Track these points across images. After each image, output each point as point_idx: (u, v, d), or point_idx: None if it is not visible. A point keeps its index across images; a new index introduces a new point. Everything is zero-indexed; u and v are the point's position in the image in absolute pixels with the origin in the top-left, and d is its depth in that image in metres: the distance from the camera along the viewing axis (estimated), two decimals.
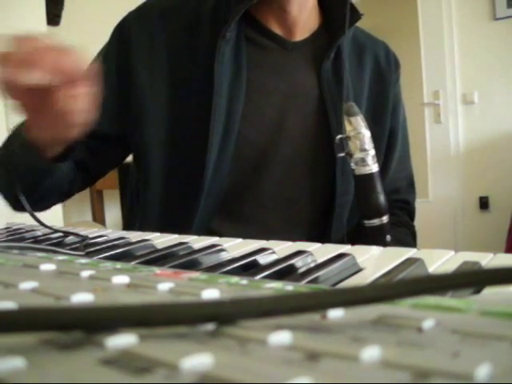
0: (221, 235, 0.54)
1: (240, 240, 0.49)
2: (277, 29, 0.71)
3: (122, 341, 0.16)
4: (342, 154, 0.63)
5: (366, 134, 0.61)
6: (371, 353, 0.14)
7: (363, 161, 0.61)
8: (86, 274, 0.27)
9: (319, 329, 0.17)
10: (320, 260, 0.36)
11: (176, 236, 0.53)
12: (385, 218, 0.63)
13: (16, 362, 0.14)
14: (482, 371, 0.12)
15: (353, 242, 0.46)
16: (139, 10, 0.72)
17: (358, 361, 0.14)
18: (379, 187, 0.62)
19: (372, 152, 0.62)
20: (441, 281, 0.18)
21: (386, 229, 0.64)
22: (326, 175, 0.73)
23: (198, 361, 0.14)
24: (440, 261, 0.36)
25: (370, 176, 0.62)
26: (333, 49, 0.71)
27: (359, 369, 0.13)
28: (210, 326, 0.17)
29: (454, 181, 2.95)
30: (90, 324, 0.16)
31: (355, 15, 0.71)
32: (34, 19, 2.01)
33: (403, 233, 0.77)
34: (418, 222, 0.83)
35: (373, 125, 0.68)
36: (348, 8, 0.69)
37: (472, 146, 2.91)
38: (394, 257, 0.36)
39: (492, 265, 0.34)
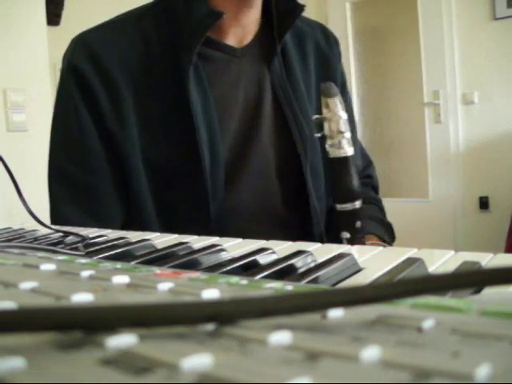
0: None
1: (240, 240, 0.49)
2: (229, 39, 0.69)
3: (122, 341, 0.16)
4: (319, 135, 0.61)
5: (343, 116, 0.59)
6: (371, 353, 0.14)
7: (339, 143, 0.60)
8: (85, 273, 0.27)
9: (319, 329, 0.17)
10: (320, 260, 0.36)
11: (176, 236, 0.53)
12: (357, 203, 0.61)
13: (16, 362, 0.14)
14: (482, 371, 0.12)
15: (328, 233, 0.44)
16: (90, 56, 0.66)
17: (358, 361, 0.14)
18: (353, 171, 0.61)
19: (348, 135, 0.59)
20: (441, 281, 0.18)
21: (357, 214, 0.62)
22: (296, 175, 0.71)
23: (198, 361, 0.14)
24: (440, 261, 0.36)
25: (345, 159, 0.60)
26: (279, 45, 0.70)
27: (359, 369, 0.13)
28: (210, 326, 0.17)
29: (454, 181, 2.95)
30: (90, 324, 0.16)
31: (298, 8, 0.69)
32: (34, 19, 2.01)
33: (372, 209, 0.79)
34: (417, 222, 0.85)
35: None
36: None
37: (472, 146, 2.91)
38: (394, 257, 0.36)
39: (492, 265, 0.34)
